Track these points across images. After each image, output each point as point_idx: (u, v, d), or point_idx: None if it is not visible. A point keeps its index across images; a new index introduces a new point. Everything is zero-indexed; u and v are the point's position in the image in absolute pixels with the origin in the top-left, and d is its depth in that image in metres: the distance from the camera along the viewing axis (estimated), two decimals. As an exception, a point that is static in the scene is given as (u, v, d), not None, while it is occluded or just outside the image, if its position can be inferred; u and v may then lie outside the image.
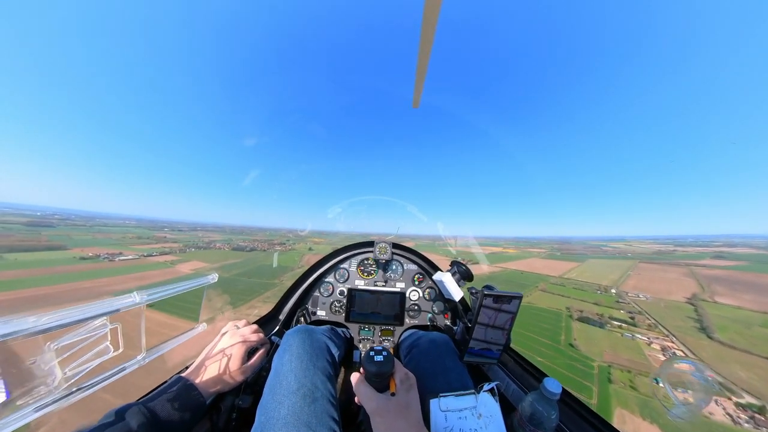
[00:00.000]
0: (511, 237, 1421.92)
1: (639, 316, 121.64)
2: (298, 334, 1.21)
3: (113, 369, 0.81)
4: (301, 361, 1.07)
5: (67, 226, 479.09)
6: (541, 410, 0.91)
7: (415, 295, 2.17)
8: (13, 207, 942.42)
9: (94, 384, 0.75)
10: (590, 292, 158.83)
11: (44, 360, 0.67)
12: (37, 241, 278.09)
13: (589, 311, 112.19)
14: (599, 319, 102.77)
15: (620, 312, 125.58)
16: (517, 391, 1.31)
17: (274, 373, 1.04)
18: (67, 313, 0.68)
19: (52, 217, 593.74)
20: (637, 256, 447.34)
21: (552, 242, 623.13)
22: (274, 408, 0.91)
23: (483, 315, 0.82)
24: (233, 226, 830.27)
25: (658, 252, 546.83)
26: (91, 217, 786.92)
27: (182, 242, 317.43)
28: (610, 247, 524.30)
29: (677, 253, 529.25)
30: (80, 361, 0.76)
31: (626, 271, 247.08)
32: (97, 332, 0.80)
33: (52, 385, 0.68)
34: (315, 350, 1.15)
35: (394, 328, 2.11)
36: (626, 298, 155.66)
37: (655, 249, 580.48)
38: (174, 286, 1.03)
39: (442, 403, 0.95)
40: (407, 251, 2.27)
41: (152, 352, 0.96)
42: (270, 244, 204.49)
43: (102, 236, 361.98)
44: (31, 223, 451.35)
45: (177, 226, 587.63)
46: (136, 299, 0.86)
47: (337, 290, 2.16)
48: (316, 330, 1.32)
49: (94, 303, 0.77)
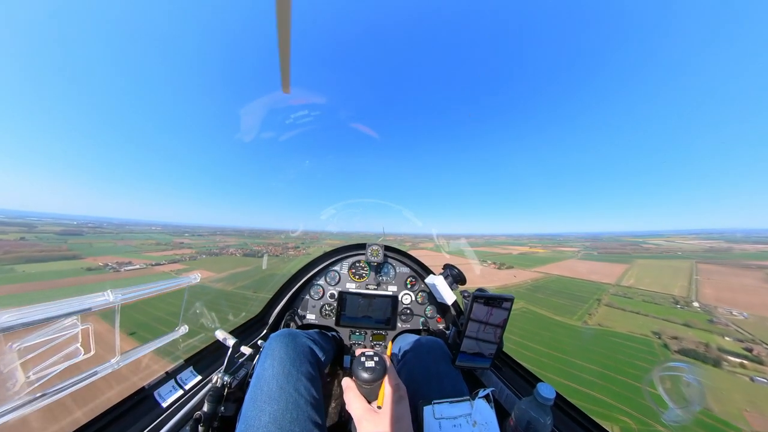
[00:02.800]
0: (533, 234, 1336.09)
1: (756, 347, 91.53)
2: (281, 338, 1.16)
3: (83, 373, 0.75)
4: (283, 366, 1.02)
5: (96, 234, 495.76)
6: (536, 416, 0.90)
7: (408, 299, 2.14)
8: (55, 217, 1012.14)
9: (61, 389, 0.69)
10: (668, 307, 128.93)
11: (4, 361, 0.62)
12: (57, 251, 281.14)
13: (685, 338, 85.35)
14: (706, 352, 75.61)
15: (726, 339, 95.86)
16: (510, 396, 1.30)
17: (256, 380, 1.00)
18: (33, 310, 0.63)
19: (86, 226, 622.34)
20: (689, 255, 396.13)
21: (580, 239, 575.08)
22: (254, 416, 0.87)
23: (474, 318, 0.81)
24: (252, 229, 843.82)
25: (711, 250, 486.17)
26: (122, 224, 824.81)
27: (197, 248, 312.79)
28: (652, 244, 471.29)
29: (735, 252, 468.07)
30: (46, 363, 0.70)
31: (691, 276, 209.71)
32: (66, 332, 0.74)
33: (12, 390, 0.63)
34: (298, 354, 1.10)
35: (386, 332, 2.09)
36: (718, 315, 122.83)
37: (706, 246, 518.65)
38: (152, 286, 0.96)
39: (436, 410, 0.91)
40: (400, 254, 2.21)
41: (127, 355, 0.89)
42: (284, 248, 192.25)
43: (123, 243, 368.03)
44: (63, 232, 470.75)
45: (198, 231, 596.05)
46: (110, 298, 0.80)
47: (327, 293, 2.13)
48: (300, 334, 1.27)
49: (63, 301, 0.72)
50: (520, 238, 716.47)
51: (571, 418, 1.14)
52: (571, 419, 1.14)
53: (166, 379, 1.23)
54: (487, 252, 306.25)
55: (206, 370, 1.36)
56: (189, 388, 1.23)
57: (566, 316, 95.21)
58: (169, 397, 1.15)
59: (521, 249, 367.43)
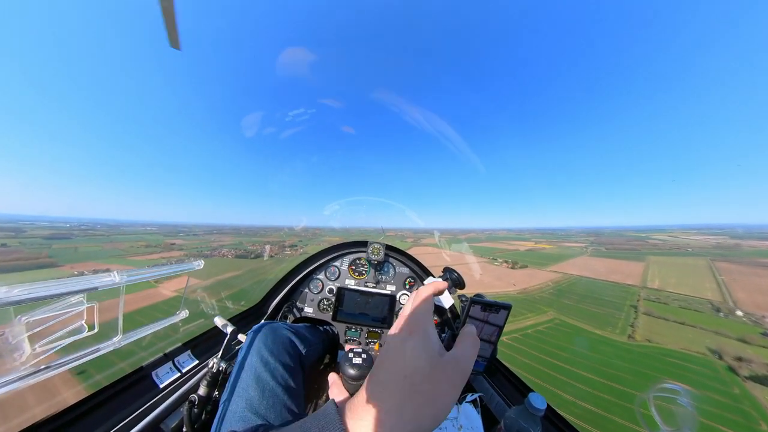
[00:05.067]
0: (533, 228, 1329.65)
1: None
2: (261, 329, 1.23)
3: (86, 349, 0.78)
4: (260, 356, 1.07)
5: (86, 237, 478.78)
6: (525, 426, 0.89)
7: (406, 299, 2.13)
8: (51, 220, 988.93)
9: (64, 363, 0.72)
10: (711, 315, 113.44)
11: (13, 333, 0.64)
12: (34, 258, 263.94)
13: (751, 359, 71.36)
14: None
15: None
16: (501, 404, 1.29)
17: (237, 368, 1.07)
18: (42, 286, 0.65)
19: (78, 228, 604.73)
20: (699, 252, 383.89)
21: (582, 234, 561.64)
22: (233, 401, 0.93)
23: (470, 323, 0.79)
24: (250, 226, 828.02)
25: (719, 246, 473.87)
26: (117, 225, 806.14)
27: (188, 249, 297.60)
28: (656, 240, 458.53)
29: (745, 249, 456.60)
30: (52, 338, 0.73)
31: (715, 276, 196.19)
32: (72, 309, 0.77)
33: (19, 360, 0.64)
34: (277, 345, 1.16)
35: (381, 330, 2.11)
36: None
37: (713, 243, 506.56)
38: (156, 270, 1.04)
39: None
40: (401, 254, 2.23)
41: (130, 335, 0.93)
42: (280, 247, 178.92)
43: (111, 246, 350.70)
44: (51, 236, 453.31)
45: (194, 230, 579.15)
46: (116, 279, 0.83)
47: (326, 288, 2.16)
48: (281, 326, 1.33)
49: (72, 279, 0.75)
50: (521, 232, 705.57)
51: (561, 431, 1.15)
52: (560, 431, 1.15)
53: (164, 360, 1.28)
54: (492, 248, 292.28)
55: (204, 354, 1.41)
56: (186, 371, 1.27)
57: (607, 329, 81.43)
58: (166, 378, 1.21)
59: (526, 245, 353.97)
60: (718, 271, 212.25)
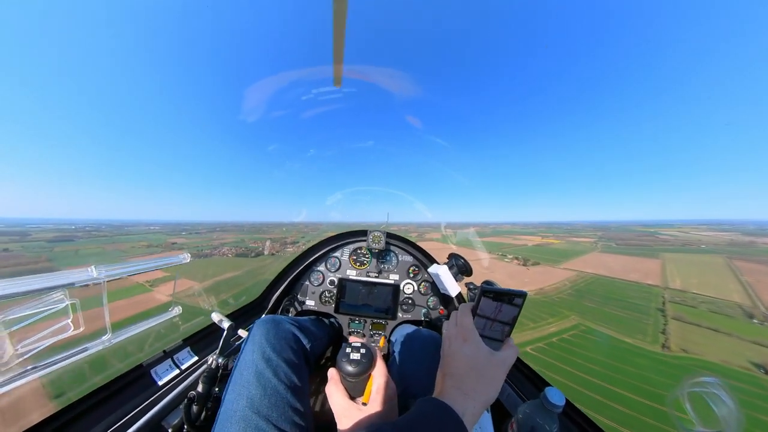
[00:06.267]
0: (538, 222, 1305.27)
1: None
2: (263, 324, 1.16)
3: (74, 349, 0.75)
4: (262, 352, 1.02)
5: (90, 238, 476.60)
6: (541, 422, 0.83)
7: (410, 289, 2.09)
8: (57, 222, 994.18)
9: (52, 363, 0.69)
10: (743, 321, 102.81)
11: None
12: (33, 263, 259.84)
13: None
14: None
15: None
16: (513, 396, 1.24)
17: (238, 364, 1.02)
18: (11, 282, 0.62)
19: (82, 230, 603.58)
20: (713, 249, 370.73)
21: (589, 228, 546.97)
22: (233, 400, 0.89)
23: (481, 314, 0.76)
24: (254, 223, 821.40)
25: (733, 243, 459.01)
26: (121, 225, 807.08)
27: (189, 248, 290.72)
28: (666, 235, 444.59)
29: (760, 246, 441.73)
30: (36, 337, 0.70)
31: (737, 276, 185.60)
32: (53, 307, 0.74)
33: (1, 361, 0.62)
34: (280, 341, 1.09)
35: (386, 321, 2.05)
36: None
37: (726, 239, 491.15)
38: (138, 264, 0.97)
39: None
40: (402, 242, 2.17)
41: (120, 333, 0.89)
42: (282, 244, 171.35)
43: (113, 247, 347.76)
44: (55, 239, 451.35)
45: (197, 228, 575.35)
46: (93, 274, 0.78)
47: (327, 280, 2.11)
48: (284, 320, 1.25)
49: (46, 274, 0.72)
50: (526, 226, 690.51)
51: (581, 429, 1.06)
52: (580, 430, 1.06)
53: (163, 357, 1.25)
54: (499, 243, 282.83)
55: (203, 351, 1.38)
56: (185, 368, 1.25)
57: (637, 337, 73.53)
58: (165, 375, 1.18)
59: (534, 239, 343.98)
60: (738, 271, 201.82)
